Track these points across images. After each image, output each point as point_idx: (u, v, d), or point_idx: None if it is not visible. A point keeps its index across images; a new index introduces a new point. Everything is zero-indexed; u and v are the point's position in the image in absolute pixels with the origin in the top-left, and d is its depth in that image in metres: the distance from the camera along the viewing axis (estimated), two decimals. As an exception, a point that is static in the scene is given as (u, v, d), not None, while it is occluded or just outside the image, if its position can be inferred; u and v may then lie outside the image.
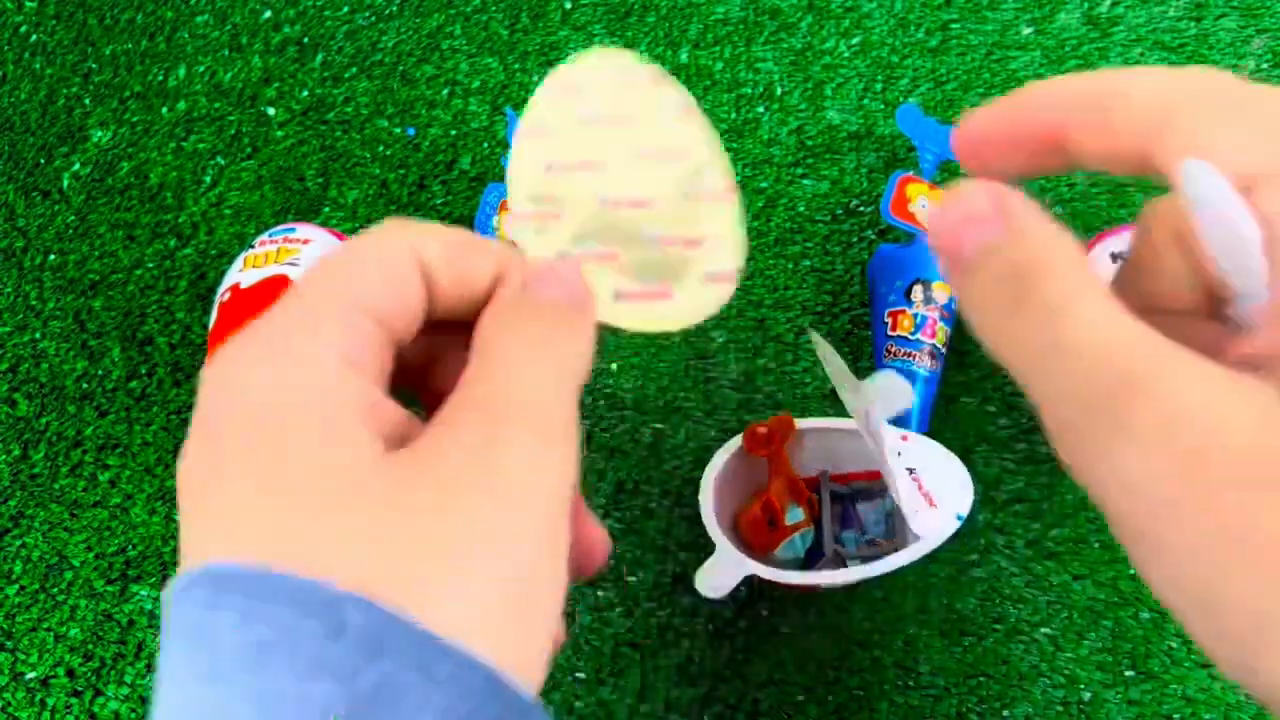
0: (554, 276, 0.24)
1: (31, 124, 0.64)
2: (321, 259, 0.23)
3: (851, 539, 0.50)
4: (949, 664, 0.49)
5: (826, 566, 0.48)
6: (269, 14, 0.67)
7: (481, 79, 0.64)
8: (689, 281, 0.26)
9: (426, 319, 0.24)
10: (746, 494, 0.50)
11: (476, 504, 0.19)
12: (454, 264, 0.23)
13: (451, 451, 0.20)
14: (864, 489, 0.51)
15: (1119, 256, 0.52)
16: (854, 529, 0.51)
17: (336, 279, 0.22)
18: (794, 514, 0.49)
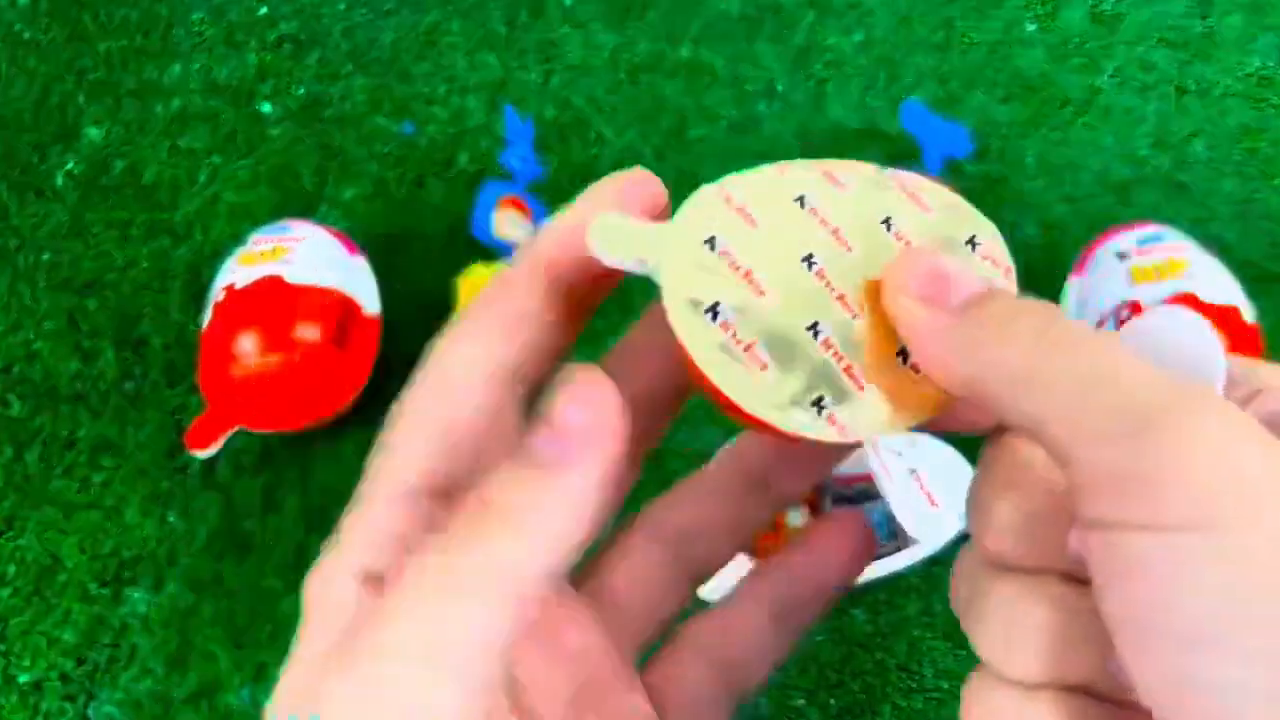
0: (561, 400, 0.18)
1: (25, 122, 0.63)
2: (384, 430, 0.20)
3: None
4: (953, 667, 0.49)
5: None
6: (265, 10, 0.66)
7: (480, 75, 0.63)
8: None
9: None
10: (748, 496, 0.49)
11: None
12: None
13: None
14: (866, 490, 0.51)
15: (1124, 256, 0.51)
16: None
17: (372, 466, 0.20)
18: (795, 516, 0.49)
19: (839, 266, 0.20)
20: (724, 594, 0.25)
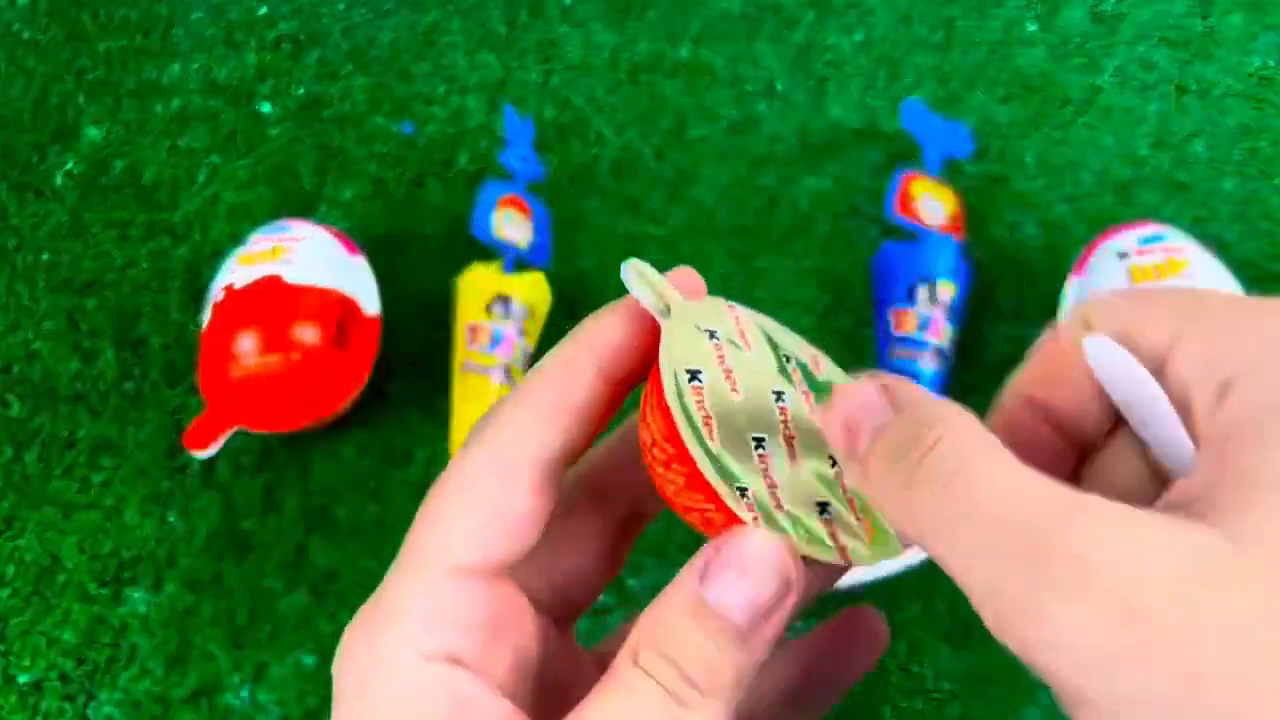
0: (751, 567, 0.19)
1: (24, 122, 0.63)
2: (428, 497, 0.21)
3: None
4: (955, 669, 0.49)
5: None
6: (264, 10, 0.66)
7: (479, 75, 0.63)
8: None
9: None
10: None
11: None
12: (583, 427, 0.21)
13: None
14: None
15: (1125, 255, 0.51)
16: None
17: (424, 533, 0.20)
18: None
19: (799, 410, 0.22)
20: None
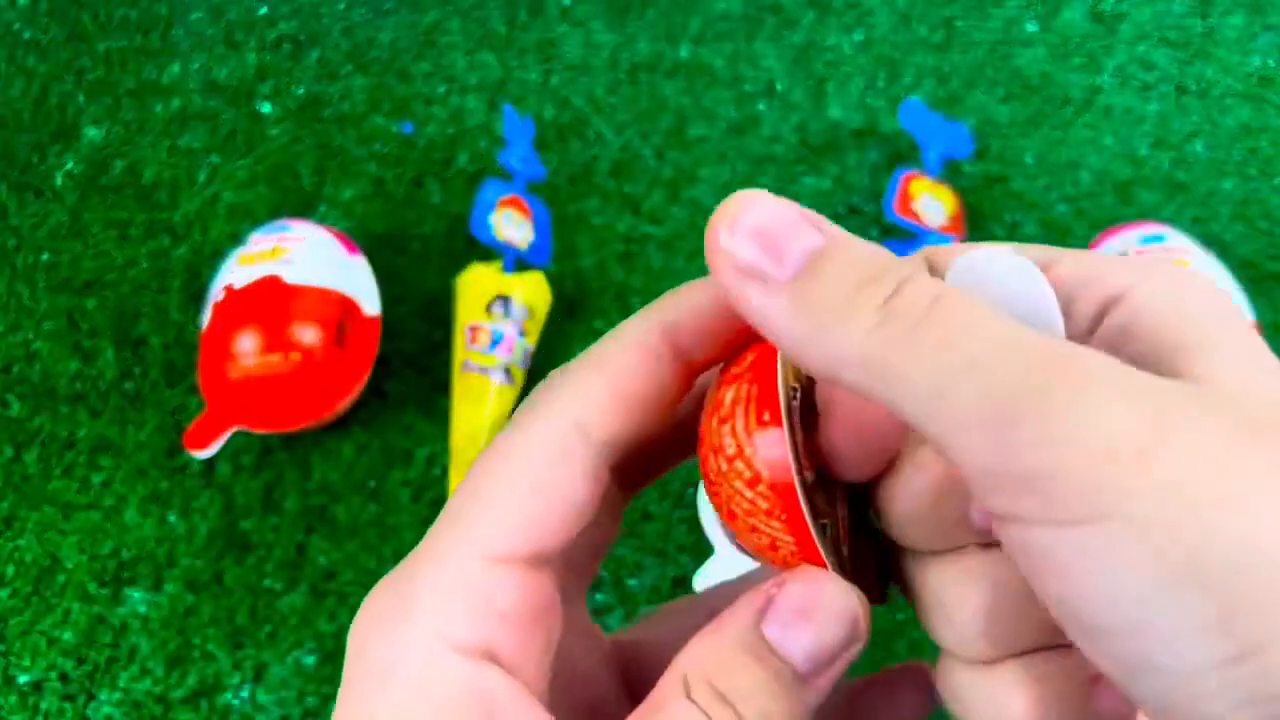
0: (820, 613, 0.18)
1: (24, 122, 0.63)
2: (473, 473, 0.19)
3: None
4: (953, 668, 0.49)
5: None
6: (264, 10, 0.66)
7: (479, 75, 0.63)
8: None
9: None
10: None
11: None
12: (633, 410, 0.19)
13: None
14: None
15: (1125, 255, 0.51)
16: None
17: (461, 517, 0.18)
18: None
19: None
20: (713, 585, 0.24)
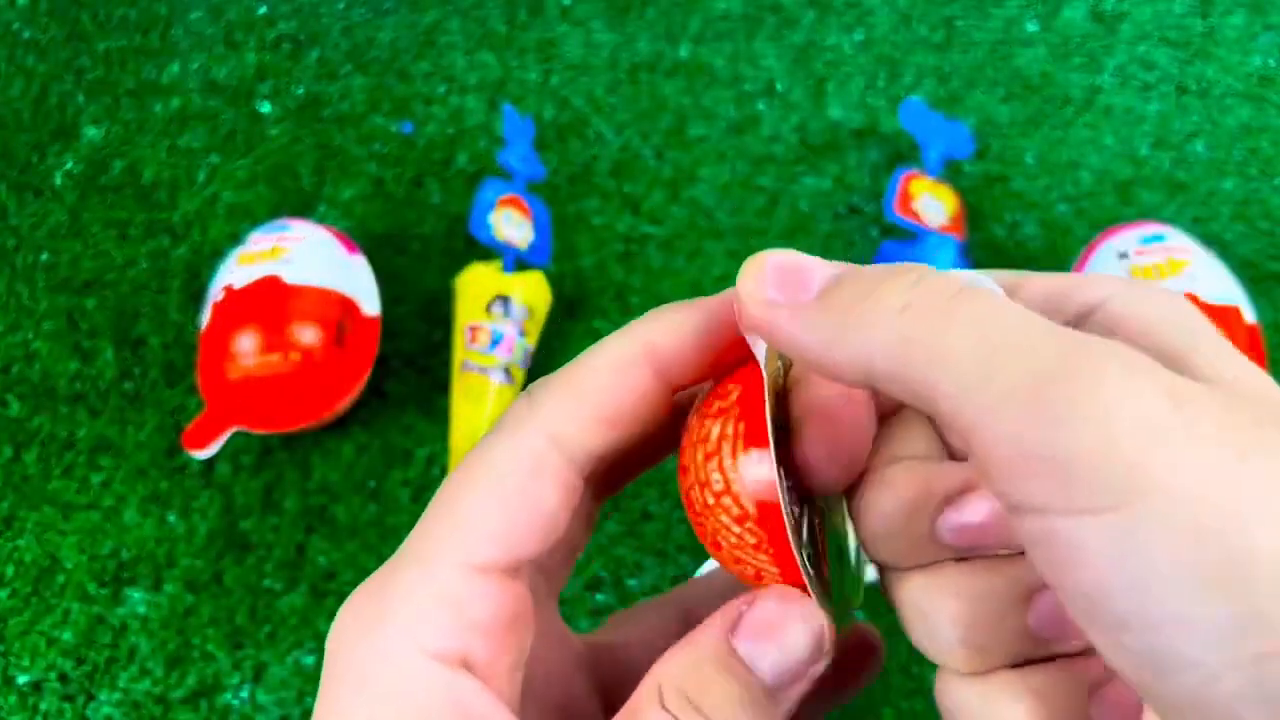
0: (788, 630, 0.18)
1: (24, 121, 0.63)
2: (451, 482, 0.19)
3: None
4: (953, 669, 0.49)
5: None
6: (264, 10, 0.66)
7: (479, 75, 0.63)
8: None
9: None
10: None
11: None
12: (618, 425, 0.19)
13: None
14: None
15: (1125, 255, 0.51)
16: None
17: (439, 526, 0.19)
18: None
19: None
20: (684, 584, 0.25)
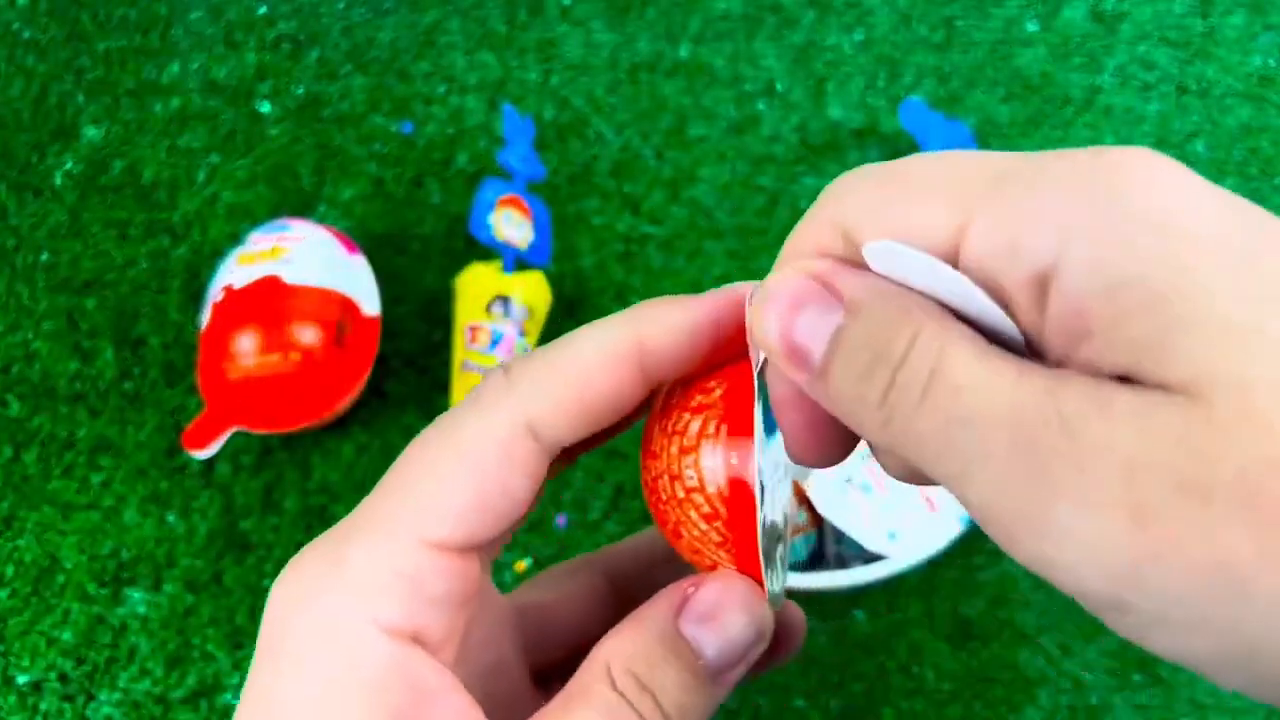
0: (730, 614, 0.19)
1: (24, 121, 0.63)
2: (411, 454, 0.19)
3: (854, 542, 0.50)
4: (955, 669, 0.48)
5: (828, 570, 0.47)
6: (264, 10, 0.66)
7: (479, 75, 0.63)
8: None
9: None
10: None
11: None
12: (583, 410, 0.19)
13: None
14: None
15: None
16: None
17: (401, 495, 0.18)
18: (798, 515, 0.49)
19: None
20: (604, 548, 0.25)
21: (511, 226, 0.54)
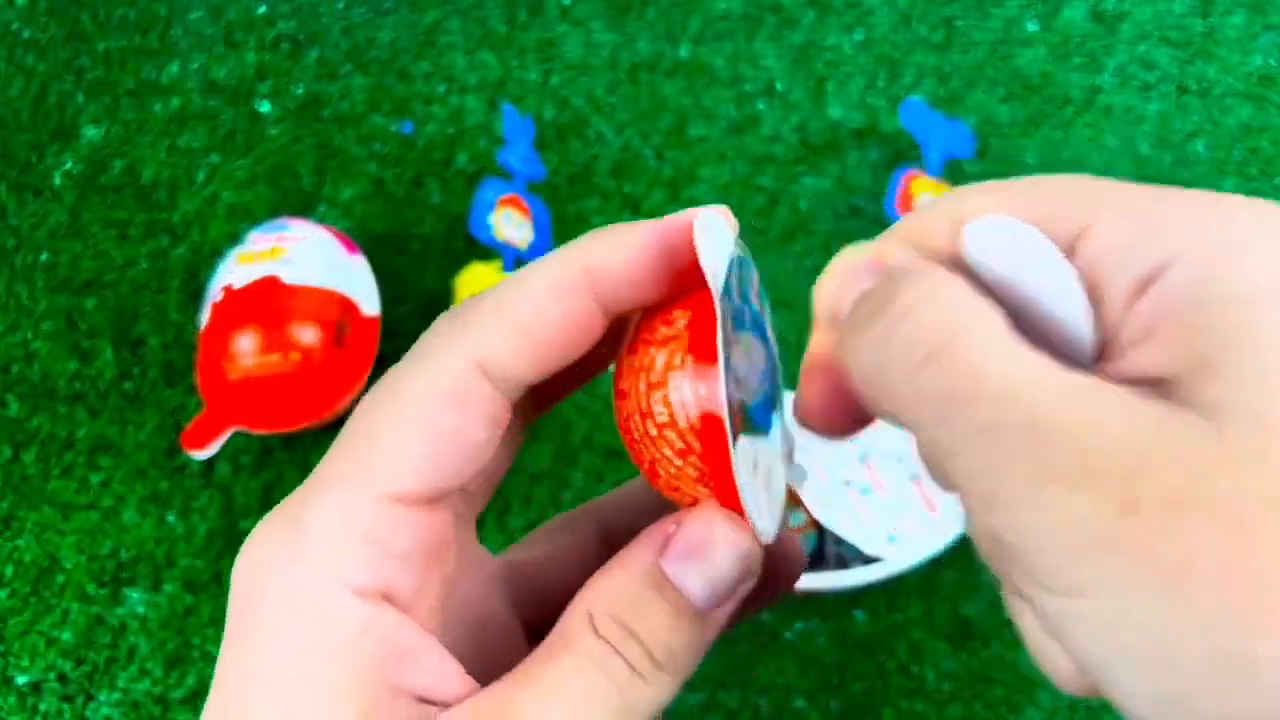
0: (715, 549, 0.18)
1: (23, 121, 0.63)
2: (366, 407, 0.18)
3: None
4: (955, 669, 0.48)
5: (829, 570, 0.47)
6: (264, 9, 0.66)
7: (479, 75, 0.63)
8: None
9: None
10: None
11: None
12: (545, 350, 0.19)
13: None
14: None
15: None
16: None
17: (357, 453, 0.18)
18: (796, 517, 0.49)
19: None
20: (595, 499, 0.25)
21: (511, 226, 0.54)
